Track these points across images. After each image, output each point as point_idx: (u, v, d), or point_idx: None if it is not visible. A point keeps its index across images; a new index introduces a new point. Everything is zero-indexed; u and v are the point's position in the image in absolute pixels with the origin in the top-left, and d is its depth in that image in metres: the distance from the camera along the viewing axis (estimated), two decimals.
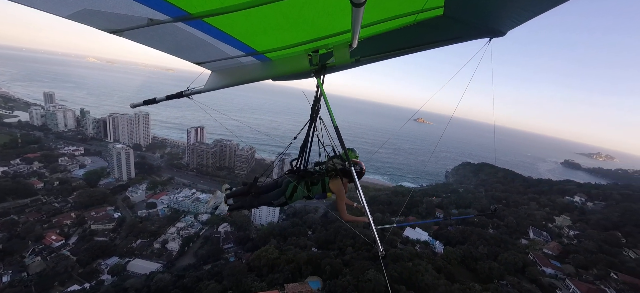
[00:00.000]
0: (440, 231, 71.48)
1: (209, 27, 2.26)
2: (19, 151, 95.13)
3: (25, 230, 64.35)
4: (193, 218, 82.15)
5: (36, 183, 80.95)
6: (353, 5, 1.43)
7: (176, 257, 66.15)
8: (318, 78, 3.50)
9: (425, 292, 39.67)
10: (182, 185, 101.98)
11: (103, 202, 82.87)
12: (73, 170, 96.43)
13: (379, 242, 3.25)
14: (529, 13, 2.24)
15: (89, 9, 1.74)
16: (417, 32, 3.01)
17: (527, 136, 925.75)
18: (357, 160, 4.41)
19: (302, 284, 37.78)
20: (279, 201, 4.68)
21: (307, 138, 4.29)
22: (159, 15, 1.93)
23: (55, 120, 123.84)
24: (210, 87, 3.71)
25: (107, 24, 2.01)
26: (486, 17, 2.49)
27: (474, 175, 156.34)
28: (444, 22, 2.67)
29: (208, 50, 2.90)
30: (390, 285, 37.71)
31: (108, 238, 69.56)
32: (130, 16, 1.92)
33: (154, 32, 2.21)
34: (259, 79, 3.62)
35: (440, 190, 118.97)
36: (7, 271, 54.05)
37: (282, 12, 2.18)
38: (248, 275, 39.98)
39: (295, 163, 4.68)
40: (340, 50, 3.21)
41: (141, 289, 45.10)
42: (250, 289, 36.13)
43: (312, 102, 3.94)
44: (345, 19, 2.38)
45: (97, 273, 57.85)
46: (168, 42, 2.60)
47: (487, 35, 2.72)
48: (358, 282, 35.85)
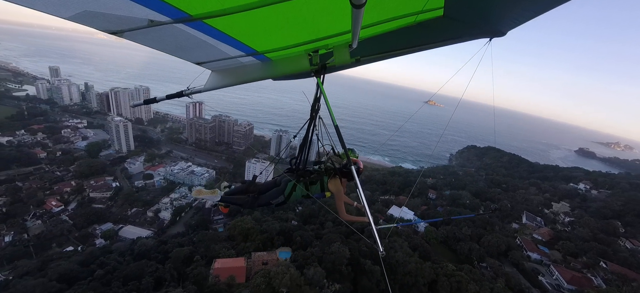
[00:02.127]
0: (428, 211, 70.76)
1: (209, 28, 2.27)
2: (25, 123, 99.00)
3: (27, 196, 68.04)
4: (187, 189, 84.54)
5: (39, 153, 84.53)
6: (353, 7, 1.43)
7: (167, 226, 68.67)
8: (318, 78, 3.52)
9: (394, 268, 39.58)
10: (180, 159, 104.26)
11: (102, 172, 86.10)
12: (76, 141, 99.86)
13: (379, 242, 3.20)
14: (529, 13, 2.24)
15: (90, 11, 1.74)
16: (417, 33, 2.99)
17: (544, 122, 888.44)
18: (356, 160, 4.30)
19: (270, 253, 38.40)
20: (277, 200, 4.65)
21: (306, 137, 4.32)
22: (159, 17, 1.95)
23: (61, 94, 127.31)
24: (210, 87, 3.71)
25: (107, 26, 2.02)
26: (486, 17, 2.50)
27: (478, 159, 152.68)
28: (444, 22, 2.67)
29: (208, 51, 2.90)
30: (357, 258, 37.79)
31: (105, 206, 72.81)
32: (131, 18, 1.93)
33: (154, 33, 2.21)
34: (259, 78, 3.62)
35: (439, 172, 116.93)
36: (9, 232, 57.63)
37: (283, 13, 2.20)
38: (220, 243, 40.95)
39: (294, 162, 4.69)
40: (341, 50, 3.23)
41: (125, 252, 47.11)
42: (218, 255, 37.02)
43: (312, 101, 3.98)
44: (346, 20, 2.38)
45: (91, 237, 60.99)
46: (168, 42, 2.62)
47: (487, 35, 2.73)
48: (323, 253, 36.02)
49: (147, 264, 35.94)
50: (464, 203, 75.39)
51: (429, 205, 77.20)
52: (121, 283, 31.48)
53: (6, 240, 55.40)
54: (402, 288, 38.49)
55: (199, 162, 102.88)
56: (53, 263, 41.51)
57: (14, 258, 49.47)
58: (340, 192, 4.52)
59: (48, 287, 31.50)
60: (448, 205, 76.24)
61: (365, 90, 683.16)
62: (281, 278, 26.74)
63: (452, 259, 51.14)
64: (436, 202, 79.72)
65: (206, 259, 38.04)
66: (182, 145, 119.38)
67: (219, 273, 31.81)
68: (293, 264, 31.01)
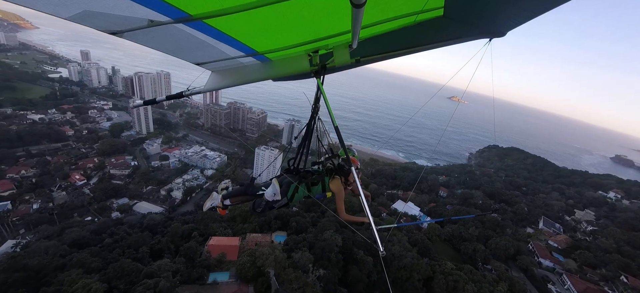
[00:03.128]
0: (436, 209, 68.47)
1: (209, 29, 2.27)
2: (57, 102, 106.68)
3: (55, 169, 73.68)
4: (199, 172, 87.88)
5: (68, 131, 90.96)
6: (353, 6, 1.43)
7: (178, 204, 71.90)
8: (318, 78, 3.51)
9: (388, 261, 38.84)
10: (195, 143, 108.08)
11: (123, 151, 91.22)
12: (101, 122, 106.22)
13: (379, 242, 3.19)
14: (528, 13, 2.22)
15: (90, 11, 1.74)
16: (417, 33, 2.99)
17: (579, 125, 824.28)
18: (355, 160, 4.37)
19: (265, 235, 39.00)
20: (280, 203, 4.57)
21: (305, 137, 4.33)
22: (159, 17, 1.94)
23: (90, 77, 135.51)
24: (210, 88, 3.73)
25: (107, 26, 2.02)
26: (486, 17, 2.49)
27: (499, 160, 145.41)
28: (444, 22, 2.66)
29: (208, 51, 2.90)
30: (350, 248, 37.43)
31: (123, 182, 77.26)
32: (131, 18, 1.92)
33: (154, 33, 2.21)
34: (259, 79, 3.62)
35: (454, 170, 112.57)
36: (37, 200, 62.99)
37: (283, 13, 2.19)
38: (219, 222, 42.17)
39: (292, 163, 4.67)
40: (341, 50, 3.22)
41: (134, 225, 49.79)
42: (215, 233, 38.16)
43: (312, 102, 3.97)
44: (346, 20, 2.37)
45: (108, 210, 65.18)
46: (168, 43, 2.63)
47: (487, 35, 2.71)
48: (316, 240, 36.01)
49: (148, 236, 37.81)
50: (476, 203, 72.17)
51: (438, 202, 74.73)
52: (122, 251, 33.40)
53: (34, 207, 60.60)
54: (395, 282, 37.77)
55: (212, 147, 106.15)
56: (69, 230, 44.77)
57: (38, 223, 54.07)
58: (341, 192, 4.49)
59: (60, 250, 34.08)
60: (458, 204, 73.34)
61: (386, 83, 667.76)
62: (265, 258, 27.09)
63: (454, 258, 49.34)
64: (446, 200, 76.98)
65: (204, 236, 39.37)
66: (198, 129, 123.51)
67: (212, 250, 32.83)
68: (282, 247, 31.31)
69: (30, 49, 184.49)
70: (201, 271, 28.60)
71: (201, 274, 28.50)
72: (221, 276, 29.06)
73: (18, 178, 66.59)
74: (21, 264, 28.60)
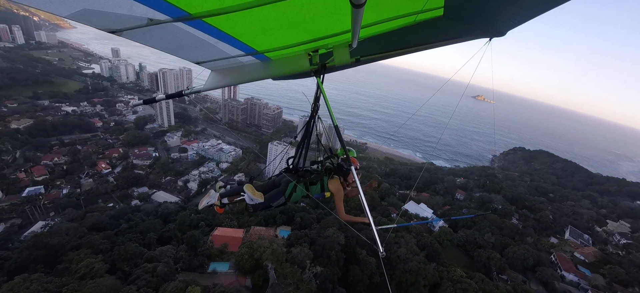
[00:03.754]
0: (450, 211, 65.70)
1: (209, 27, 2.27)
2: (88, 96, 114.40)
3: (84, 157, 79.12)
4: (215, 165, 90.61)
5: (97, 123, 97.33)
6: (353, 6, 1.44)
7: (193, 195, 74.59)
8: (318, 78, 3.53)
9: (393, 264, 37.72)
10: (212, 136, 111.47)
11: (146, 142, 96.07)
12: (127, 115, 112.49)
13: (379, 243, 3.23)
14: (529, 13, 2.22)
15: (89, 9, 1.75)
16: (417, 32, 3.01)
17: (621, 130, 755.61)
18: (354, 160, 4.36)
19: (269, 229, 39.31)
20: (278, 202, 4.56)
21: (305, 137, 4.37)
22: (158, 15, 1.95)
23: (119, 73, 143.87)
24: (210, 87, 3.74)
25: (106, 24, 2.03)
26: (486, 17, 2.50)
27: (526, 163, 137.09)
28: (444, 22, 2.66)
29: (208, 50, 2.92)
30: (353, 247, 36.78)
31: (144, 172, 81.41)
32: (130, 16, 1.93)
33: (153, 32, 2.22)
34: (258, 78, 3.64)
35: (474, 172, 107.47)
36: (66, 186, 68.03)
37: (282, 12, 2.20)
38: (226, 213, 43.06)
39: (291, 162, 4.69)
40: (340, 50, 3.25)
41: (150, 212, 52.30)
42: (220, 224, 39.07)
43: (312, 101, 4.03)
44: (345, 19, 2.39)
45: (129, 198, 68.97)
46: (168, 41, 2.63)
47: (487, 35, 2.73)
48: (318, 237, 35.73)
49: (160, 224, 39.45)
50: (494, 207, 68.30)
51: (453, 205, 71.68)
52: (133, 236, 35.10)
53: (64, 192, 65.43)
54: (400, 286, 36.55)
55: (229, 141, 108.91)
56: (90, 214, 47.79)
57: (66, 207, 58.28)
58: (340, 192, 4.45)
59: (79, 232, 36.48)
60: (475, 207, 69.84)
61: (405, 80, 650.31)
62: (263, 251, 27.22)
63: (467, 266, 47.06)
64: (462, 203, 73.66)
65: (211, 227, 40.42)
66: (216, 124, 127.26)
67: (216, 240, 33.60)
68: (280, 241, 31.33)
69: (68, 46, 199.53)
70: (202, 260, 29.43)
71: (202, 263, 29.32)
72: (221, 266, 29.70)
73: (51, 165, 72.19)
74: (43, 243, 30.91)
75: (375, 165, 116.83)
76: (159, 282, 23.35)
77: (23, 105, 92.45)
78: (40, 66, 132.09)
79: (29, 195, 59.07)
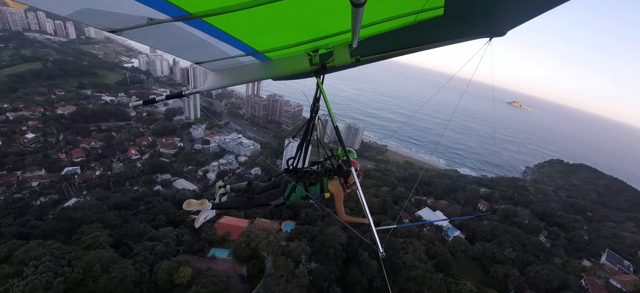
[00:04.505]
0: (469, 222, 61.71)
1: (209, 27, 2.29)
2: (126, 87, 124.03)
3: (117, 143, 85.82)
4: (234, 158, 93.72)
5: (131, 112, 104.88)
6: (353, 6, 1.44)
7: (210, 185, 77.66)
8: (318, 78, 3.56)
9: (397, 269, 36.26)
10: (234, 131, 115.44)
11: (172, 133, 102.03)
12: (158, 107, 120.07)
13: (379, 243, 3.28)
14: (529, 13, 2.23)
15: (89, 9, 1.77)
16: (417, 32, 3.02)
17: None
18: (355, 161, 4.44)
19: (273, 222, 39.69)
20: (276, 202, 4.62)
21: (304, 137, 4.38)
22: (158, 15, 1.96)
23: (155, 67, 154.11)
24: (210, 87, 3.79)
25: (106, 23, 2.06)
26: (486, 17, 2.52)
27: (563, 177, 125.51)
28: (444, 22, 2.67)
29: (208, 50, 2.93)
30: (356, 248, 35.92)
31: (168, 160, 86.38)
32: (130, 16, 1.94)
33: (153, 31, 2.24)
34: (258, 78, 3.70)
35: (502, 183, 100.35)
36: (99, 168, 74.17)
37: (282, 12, 2.21)
38: None
39: (291, 163, 4.73)
40: (340, 50, 3.28)
41: (168, 197, 55.25)
42: (227, 213, 40.15)
43: (312, 101, 4.03)
44: (345, 19, 2.38)
45: (152, 183, 73.53)
46: (168, 41, 2.65)
47: (487, 35, 2.76)
48: (320, 233, 35.36)
49: (172, 207, 41.52)
50: (520, 222, 63.07)
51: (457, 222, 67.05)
52: (145, 216, 37.29)
53: (96, 173, 71.42)
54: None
55: (249, 136, 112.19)
56: (114, 194, 51.59)
57: (96, 186, 63.50)
58: (340, 192, 4.44)
59: (101, 209, 39.49)
60: (498, 220, 65.00)
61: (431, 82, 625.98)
62: (259, 241, 27.45)
63: (481, 281, 44.00)
64: (484, 215, 68.91)
65: (219, 214, 41.68)
66: (239, 119, 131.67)
67: (219, 227, 34.59)
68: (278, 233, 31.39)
69: (113, 42, 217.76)
70: (203, 244, 30.47)
71: (203, 247, 30.36)
72: (220, 252, 30.48)
73: (88, 148, 79.20)
74: (67, 216, 33.93)
75: (393, 168, 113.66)
76: (156, 259, 24.59)
77: (69, 93, 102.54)
78: (88, 59, 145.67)
79: (67, 174, 65.22)
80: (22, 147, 71.17)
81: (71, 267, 19.53)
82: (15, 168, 63.93)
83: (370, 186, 70.37)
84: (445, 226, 58.69)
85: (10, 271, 18.53)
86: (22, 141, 72.43)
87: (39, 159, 68.83)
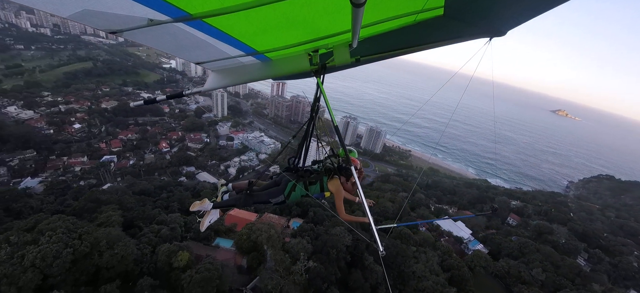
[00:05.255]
0: (496, 237, 56.94)
1: (209, 28, 2.30)
2: (162, 86, 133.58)
3: (150, 136, 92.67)
4: (255, 155, 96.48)
5: (165, 109, 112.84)
6: (353, 6, 1.45)
7: (233, 179, 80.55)
8: (318, 78, 3.58)
9: (405, 278, 34.44)
10: (257, 129, 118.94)
11: (200, 129, 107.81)
12: (190, 104, 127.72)
13: (379, 242, 3.24)
14: (529, 13, 2.25)
15: (89, 10, 1.78)
16: (417, 32, 3.05)
17: None
18: (355, 160, 4.48)
19: (281, 218, 39.94)
20: (277, 200, 4.68)
21: (305, 137, 4.46)
22: (159, 16, 1.97)
23: (190, 68, 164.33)
24: (210, 87, 3.83)
25: (107, 25, 2.07)
26: (486, 17, 2.53)
27: (613, 196, 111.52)
28: (444, 22, 2.69)
29: (208, 50, 2.93)
30: (362, 252, 34.79)
31: (194, 154, 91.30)
32: (131, 17, 1.95)
33: (154, 32, 2.25)
34: (259, 78, 3.70)
35: (539, 197, 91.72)
36: (133, 158, 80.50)
37: (282, 12, 2.22)
38: None
39: (292, 162, 4.81)
40: (341, 50, 3.31)
41: (189, 188, 58.22)
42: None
43: (312, 101, 4.08)
44: (345, 19, 2.40)
45: (178, 174, 78.12)
46: (168, 42, 2.65)
47: (487, 34, 2.78)
48: (324, 233, 34.81)
49: (188, 196, 43.65)
50: (555, 241, 56.84)
51: (501, 230, 62.00)
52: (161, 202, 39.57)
53: (130, 162, 77.59)
54: None
55: (271, 135, 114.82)
56: (141, 182, 55.51)
57: (127, 174, 68.88)
58: (340, 191, 4.47)
59: (126, 193, 42.71)
60: (530, 237, 59.16)
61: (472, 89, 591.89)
62: (259, 234, 27.64)
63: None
64: (513, 230, 63.15)
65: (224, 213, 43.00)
66: (263, 118, 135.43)
67: (227, 219, 35.56)
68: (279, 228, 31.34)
69: None
70: (209, 233, 31.51)
71: (208, 236, 31.40)
72: (225, 242, 31.28)
73: (125, 140, 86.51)
74: (95, 197, 37.17)
75: (415, 174, 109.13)
76: (159, 241, 25.91)
77: (113, 90, 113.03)
78: (132, 60, 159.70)
79: (104, 161, 71.69)
80: (69, 135, 79.74)
81: (81, 240, 21.41)
82: (62, 154, 71.79)
83: (387, 191, 68.15)
84: (466, 238, 54.89)
85: (29, 239, 20.85)
86: (69, 130, 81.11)
87: (82, 147, 76.64)
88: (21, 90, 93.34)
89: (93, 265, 20.90)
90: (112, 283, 19.95)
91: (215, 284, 21.52)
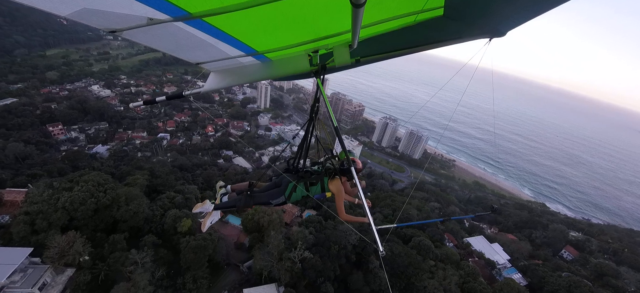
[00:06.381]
0: (540, 268, 49.11)
1: (209, 27, 2.26)
2: None
3: (200, 121, 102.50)
4: (288, 147, 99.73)
5: (216, 97, 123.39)
6: (353, 6, 1.43)
7: (264, 166, 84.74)
8: (318, 78, 3.57)
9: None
10: (295, 123, 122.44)
11: (243, 117, 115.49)
12: (238, 94, 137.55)
13: (379, 242, 3.16)
14: (529, 13, 2.26)
15: (88, 9, 1.74)
16: (417, 32, 3.04)
17: None
18: (355, 159, 4.40)
19: (293, 207, 40.68)
20: (277, 200, 4.70)
21: (305, 137, 4.44)
22: (158, 15, 1.94)
23: None
24: (210, 87, 3.77)
25: (106, 24, 2.02)
26: (486, 17, 2.52)
27: None
28: (444, 22, 2.69)
29: (208, 50, 2.88)
30: (368, 255, 33.48)
31: (235, 140, 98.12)
32: (130, 15, 1.91)
33: (153, 31, 2.21)
34: (258, 79, 3.67)
35: (609, 232, 76.54)
36: (183, 137, 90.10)
37: (282, 12, 2.19)
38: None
39: (292, 162, 4.79)
40: (340, 50, 3.29)
41: (223, 169, 63.06)
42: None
43: (312, 101, 4.10)
44: (345, 19, 2.39)
45: (217, 156, 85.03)
46: (168, 41, 2.58)
47: (487, 35, 2.79)
48: (334, 228, 34.39)
49: (215, 173, 47.39)
50: (620, 286, 46.67)
51: (549, 262, 52.96)
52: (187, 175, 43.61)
53: (180, 141, 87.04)
54: None
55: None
56: (181, 158, 61.92)
57: (173, 151, 77.50)
58: (341, 192, 4.48)
59: (165, 165, 48.20)
60: (587, 277, 49.44)
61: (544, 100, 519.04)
62: (261, 216, 28.47)
63: None
64: (565, 265, 53.24)
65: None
66: (302, 113, 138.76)
67: None
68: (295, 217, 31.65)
69: None
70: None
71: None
72: (234, 219, 33.06)
73: (179, 121, 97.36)
74: (139, 165, 42.73)
75: (456, 186, 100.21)
76: (172, 207, 28.69)
77: (175, 77, 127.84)
78: None
79: (159, 138, 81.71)
80: (135, 113, 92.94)
81: (105, 193, 25.04)
82: (128, 128, 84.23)
83: (415, 197, 64.03)
84: (500, 262, 48.68)
85: (66, 186, 25.14)
86: (136, 109, 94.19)
87: (144, 124, 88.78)
88: (105, 73, 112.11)
89: (111, 216, 24.39)
90: (120, 234, 22.99)
91: (208, 254, 23.05)
